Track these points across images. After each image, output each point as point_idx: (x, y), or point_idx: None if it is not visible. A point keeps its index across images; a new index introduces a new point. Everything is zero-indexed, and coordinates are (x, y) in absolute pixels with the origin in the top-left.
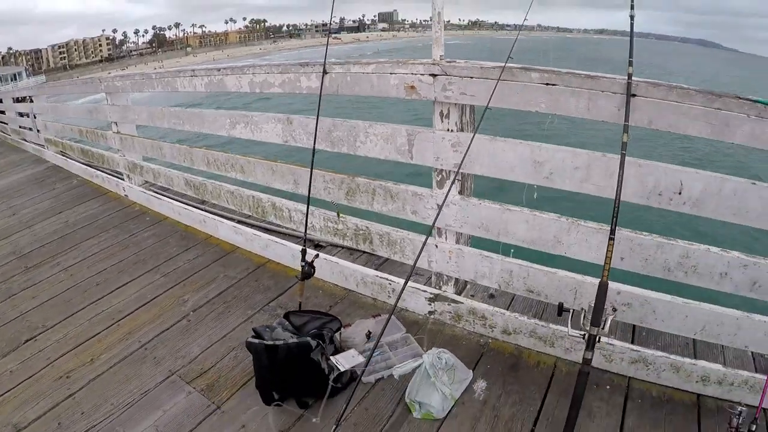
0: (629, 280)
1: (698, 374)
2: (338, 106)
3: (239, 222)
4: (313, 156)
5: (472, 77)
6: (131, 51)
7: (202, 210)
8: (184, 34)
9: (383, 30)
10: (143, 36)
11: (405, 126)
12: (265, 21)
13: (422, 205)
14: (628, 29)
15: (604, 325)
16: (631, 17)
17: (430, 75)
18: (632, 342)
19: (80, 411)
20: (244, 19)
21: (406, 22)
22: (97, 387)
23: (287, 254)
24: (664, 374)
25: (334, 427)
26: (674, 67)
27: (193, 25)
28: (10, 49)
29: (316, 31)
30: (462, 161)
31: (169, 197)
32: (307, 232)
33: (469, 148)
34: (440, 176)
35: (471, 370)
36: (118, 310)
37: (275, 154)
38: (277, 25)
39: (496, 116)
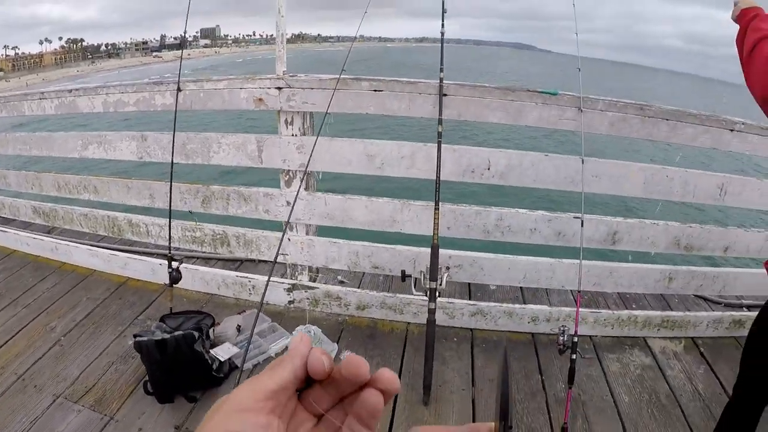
0: (460, 246)
1: (529, 316)
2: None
3: (92, 245)
4: (172, 169)
5: (312, 88)
6: None
7: (52, 238)
8: None
9: (205, 47)
10: None
11: (254, 134)
12: (82, 40)
13: (273, 204)
14: (449, 37)
15: (441, 281)
16: (442, 33)
17: (276, 88)
18: (470, 297)
19: None
20: (60, 38)
21: (228, 38)
22: None
23: (147, 269)
24: (500, 321)
25: None
26: (490, 68)
27: (5, 46)
28: None
29: (136, 49)
30: (308, 161)
31: (14, 229)
32: (165, 243)
33: (313, 149)
34: (288, 176)
35: (335, 343)
36: None
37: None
38: (96, 44)
39: (335, 119)
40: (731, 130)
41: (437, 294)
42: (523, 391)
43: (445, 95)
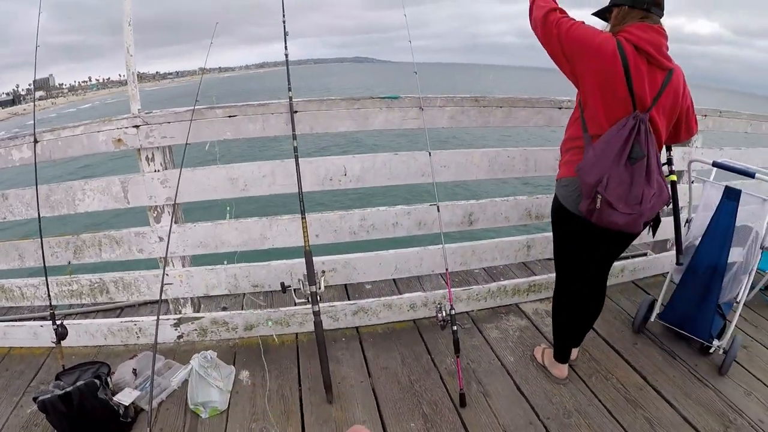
0: (331, 252)
1: (407, 305)
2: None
3: None
4: (40, 224)
5: (169, 122)
6: None
7: None
8: None
9: (41, 98)
10: None
11: (117, 176)
12: None
13: (146, 242)
14: (291, 58)
15: (320, 285)
16: (286, 55)
17: (133, 127)
18: (349, 299)
19: None
20: None
21: (63, 86)
22: None
23: (28, 335)
24: (381, 314)
25: None
26: (332, 84)
27: None
28: None
29: None
30: (176, 194)
31: None
32: (42, 303)
33: (178, 182)
34: (156, 212)
35: (231, 366)
36: None
37: None
38: None
39: (194, 150)
40: (559, 108)
41: (318, 298)
42: (417, 372)
43: (296, 112)
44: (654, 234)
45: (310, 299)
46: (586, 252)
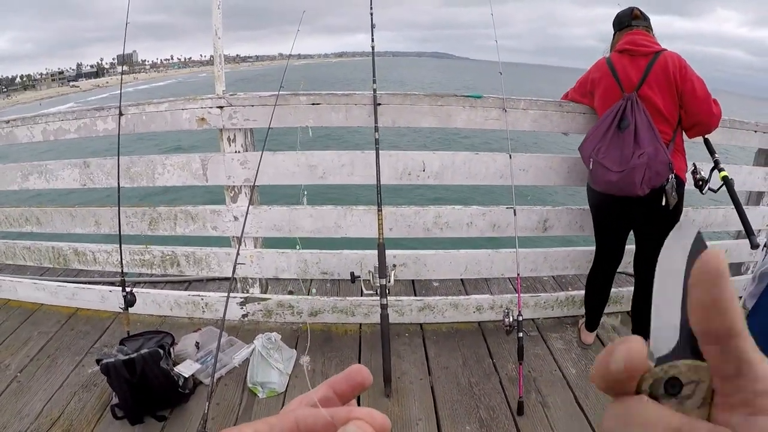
0: (402, 247)
1: (474, 306)
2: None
3: (37, 279)
4: (119, 193)
5: (253, 105)
6: None
7: None
8: None
9: (123, 73)
10: None
11: (198, 153)
12: None
13: (221, 220)
14: (365, 50)
15: (390, 279)
16: (372, 47)
17: (217, 107)
18: (415, 294)
19: None
20: None
21: (146, 63)
22: None
23: (96, 298)
24: (447, 313)
25: (201, 424)
26: (408, 77)
27: None
28: None
29: (53, 80)
30: (255, 176)
31: None
32: (113, 269)
33: (259, 164)
34: (233, 192)
35: (294, 350)
36: None
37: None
38: (9, 76)
39: (276, 134)
40: None
41: (387, 291)
42: (477, 375)
43: (379, 104)
44: (669, 204)
45: (379, 291)
46: (603, 222)
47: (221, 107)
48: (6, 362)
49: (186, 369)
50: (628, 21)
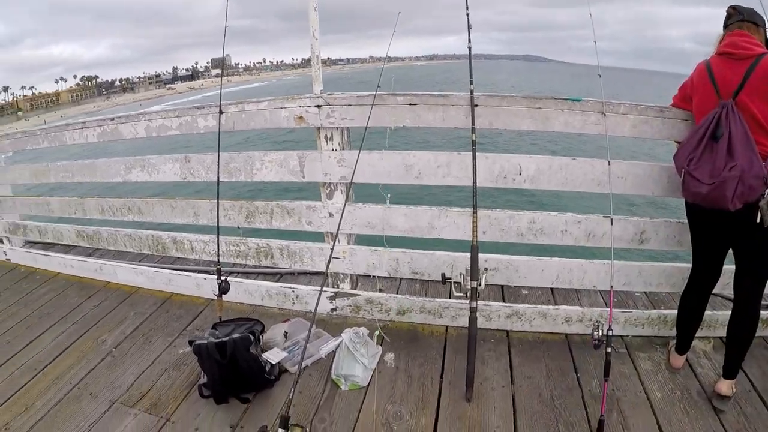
0: (495, 251)
1: (562, 317)
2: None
3: (136, 264)
4: (218, 187)
5: (350, 105)
6: None
7: (96, 259)
8: (13, 97)
9: (217, 76)
10: None
11: (296, 151)
12: (96, 77)
13: (316, 215)
14: (455, 52)
15: (480, 282)
16: (469, 48)
17: (315, 106)
18: (504, 300)
19: None
20: (75, 76)
21: (239, 66)
22: (41, 430)
23: (191, 285)
24: (535, 322)
25: (285, 409)
26: (501, 81)
27: (22, 87)
28: None
29: (150, 83)
30: (352, 174)
31: (57, 253)
32: (208, 259)
33: (357, 162)
34: (329, 189)
35: (379, 346)
36: (38, 360)
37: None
38: (110, 80)
39: (371, 133)
40: None
41: (477, 294)
42: (560, 388)
43: (477, 106)
44: (764, 222)
45: (469, 295)
46: (698, 235)
47: (319, 106)
48: (103, 338)
49: (273, 356)
50: (726, 20)
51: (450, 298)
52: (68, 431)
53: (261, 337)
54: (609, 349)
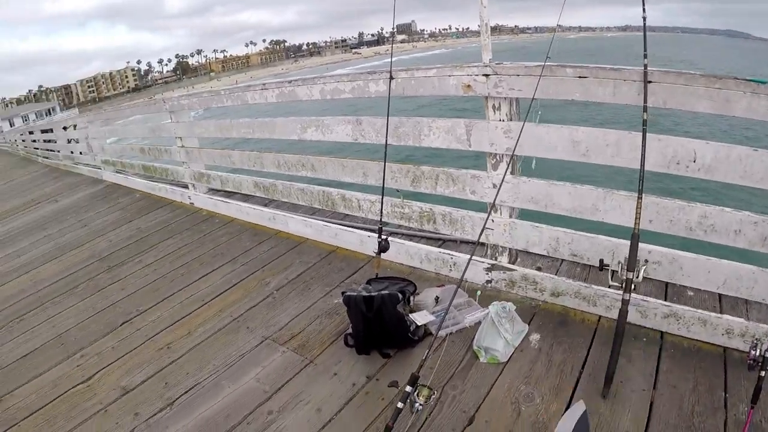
0: (658, 242)
1: (724, 328)
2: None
3: (306, 217)
4: (386, 150)
5: (518, 75)
6: (156, 80)
7: (270, 209)
8: (206, 60)
9: (402, 41)
10: (167, 65)
11: (463, 119)
12: (284, 41)
13: (480, 185)
14: (653, 24)
15: (638, 274)
16: (644, 18)
17: (483, 75)
18: (666, 299)
19: (185, 372)
20: (264, 40)
21: (425, 32)
22: (198, 353)
23: (356, 241)
24: (693, 328)
25: (417, 368)
26: (698, 59)
27: (214, 50)
28: (41, 86)
29: (336, 47)
30: (515, 146)
31: (236, 201)
32: (374, 218)
33: (520, 134)
34: (494, 160)
35: (527, 324)
36: (206, 293)
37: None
38: (297, 44)
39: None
40: None
41: (632, 286)
42: (702, 405)
43: (650, 82)
44: None
45: (624, 285)
46: None
47: (487, 75)
48: (267, 280)
49: (420, 318)
50: None
51: (609, 287)
52: (222, 356)
53: (411, 297)
54: (763, 373)
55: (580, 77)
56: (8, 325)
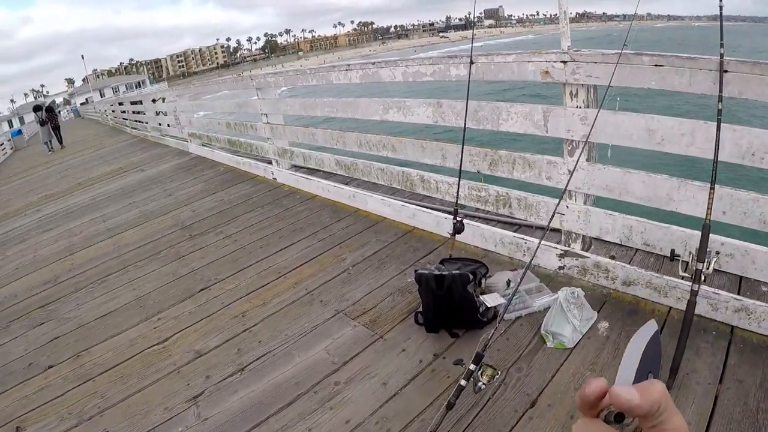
0: (734, 234)
1: None
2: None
3: (385, 197)
4: (464, 133)
5: (595, 62)
6: (245, 57)
7: (350, 187)
8: (294, 39)
9: (490, 26)
10: (256, 43)
11: (540, 105)
12: (372, 23)
13: (555, 171)
14: (741, 13)
15: (708, 265)
16: (720, 7)
17: (561, 62)
18: (738, 293)
19: (257, 340)
20: (352, 22)
21: (512, 18)
22: (271, 323)
23: (432, 222)
24: (764, 323)
25: (482, 348)
26: None
27: (303, 30)
28: (131, 59)
29: (423, 30)
30: (589, 132)
31: (318, 178)
32: (451, 200)
33: (595, 121)
34: (570, 146)
35: (596, 312)
36: (283, 266)
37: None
38: (385, 26)
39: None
40: None
41: (702, 278)
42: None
43: (726, 71)
44: None
45: (694, 276)
46: None
47: (565, 62)
48: (344, 256)
49: (490, 300)
50: None
51: (681, 278)
52: (294, 327)
53: (483, 279)
54: None
55: (656, 65)
56: (90, 286)
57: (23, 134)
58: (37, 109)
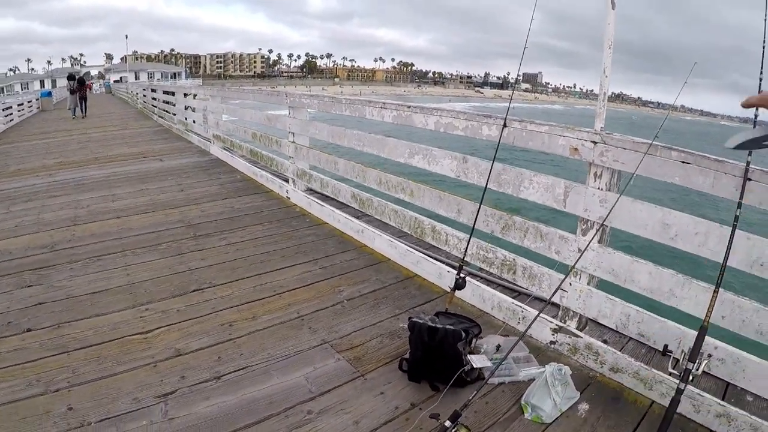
0: (726, 339)
1: None
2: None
3: (393, 238)
4: (484, 194)
5: (625, 148)
6: (282, 72)
7: (360, 222)
8: (334, 64)
9: (525, 90)
10: (296, 60)
11: (563, 179)
12: (412, 65)
13: (566, 247)
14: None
15: (698, 366)
16: (755, 116)
17: (591, 142)
18: (723, 398)
19: (239, 352)
20: (393, 60)
21: (549, 85)
22: (257, 338)
23: (434, 272)
24: None
25: (461, 407)
26: None
27: (344, 57)
28: (172, 50)
29: (460, 82)
30: (607, 216)
31: (331, 207)
32: (458, 254)
33: (614, 206)
34: (585, 225)
35: (579, 393)
36: (279, 285)
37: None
38: (423, 70)
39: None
40: None
41: (691, 378)
42: None
43: (750, 179)
44: None
45: (682, 375)
46: None
47: (595, 143)
48: (341, 288)
49: (477, 361)
50: None
51: (669, 375)
52: (279, 347)
53: (474, 339)
54: None
55: (683, 162)
56: (86, 260)
57: (52, 97)
58: (71, 77)
